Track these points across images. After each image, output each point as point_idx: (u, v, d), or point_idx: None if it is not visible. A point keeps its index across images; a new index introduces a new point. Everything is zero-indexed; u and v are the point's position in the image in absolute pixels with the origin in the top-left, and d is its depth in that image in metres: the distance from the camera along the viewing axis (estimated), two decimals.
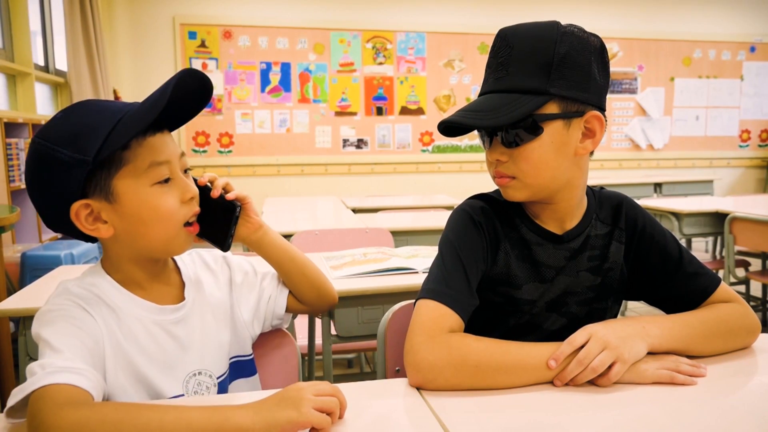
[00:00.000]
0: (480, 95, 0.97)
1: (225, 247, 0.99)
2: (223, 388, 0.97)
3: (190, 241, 0.92)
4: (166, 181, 0.87)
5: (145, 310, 0.90)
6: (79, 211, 0.84)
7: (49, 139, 0.82)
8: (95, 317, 0.84)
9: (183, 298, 0.96)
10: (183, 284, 0.98)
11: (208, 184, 0.98)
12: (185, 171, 0.92)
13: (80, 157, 0.81)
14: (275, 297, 1.09)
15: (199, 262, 1.04)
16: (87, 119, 0.83)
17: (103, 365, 0.83)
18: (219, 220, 0.98)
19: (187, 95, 0.86)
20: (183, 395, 0.91)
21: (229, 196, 0.99)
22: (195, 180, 0.97)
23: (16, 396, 0.70)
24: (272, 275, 1.11)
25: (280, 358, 1.13)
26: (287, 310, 1.10)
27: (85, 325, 0.82)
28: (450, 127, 0.96)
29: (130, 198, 0.84)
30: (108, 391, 0.83)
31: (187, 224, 0.91)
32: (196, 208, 0.92)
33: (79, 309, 0.83)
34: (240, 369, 1.02)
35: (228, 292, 1.04)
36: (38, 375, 0.71)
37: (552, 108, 0.91)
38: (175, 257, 1.00)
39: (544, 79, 0.90)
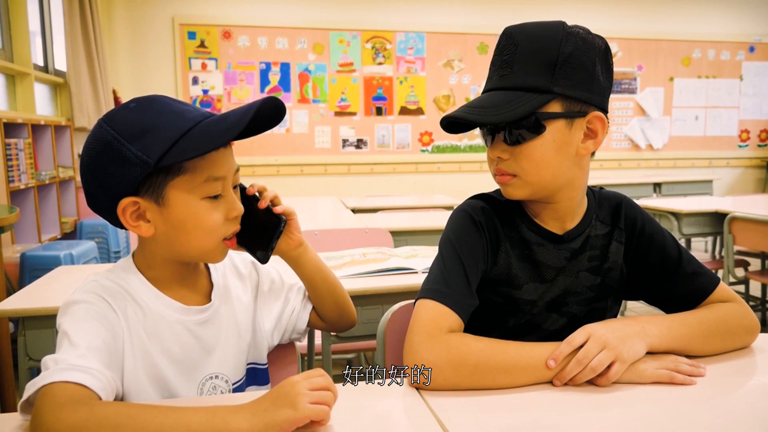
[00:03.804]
0: (483, 92, 0.98)
1: (264, 259, 0.98)
2: (238, 391, 0.97)
3: (225, 253, 0.93)
4: (216, 197, 0.87)
5: (171, 309, 0.90)
6: (127, 208, 0.84)
7: (117, 129, 0.81)
8: (117, 313, 0.84)
9: (210, 300, 0.96)
10: (211, 286, 0.98)
11: (257, 194, 0.99)
12: (234, 187, 0.92)
13: (143, 158, 0.80)
14: (299, 311, 1.09)
15: (229, 265, 1.04)
16: (159, 118, 0.82)
17: (121, 363, 0.83)
18: (262, 231, 0.97)
19: (260, 118, 0.86)
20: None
21: (277, 209, 0.99)
22: (244, 188, 0.97)
23: (28, 390, 0.71)
24: (298, 288, 1.11)
25: (280, 358, 1.13)
26: (307, 325, 1.10)
27: (106, 320, 0.82)
28: (452, 123, 0.96)
29: (179, 206, 0.84)
30: (125, 388, 0.83)
31: (226, 238, 0.91)
32: (237, 227, 0.92)
33: (104, 303, 0.84)
34: (254, 376, 1.02)
35: (253, 298, 1.04)
36: (50, 370, 0.71)
37: (555, 107, 0.91)
38: None
39: (548, 77, 0.90)
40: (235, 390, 0.96)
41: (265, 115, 0.86)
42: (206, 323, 0.93)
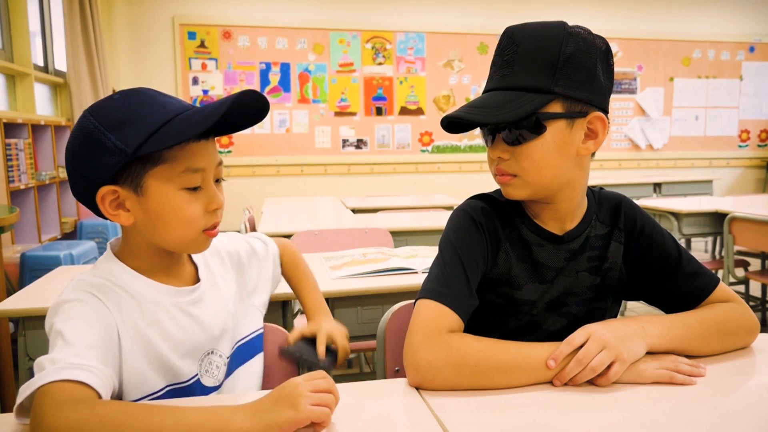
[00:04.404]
0: (484, 92, 0.98)
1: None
2: (230, 369, 0.99)
3: (208, 243, 0.93)
4: (196, 188, 0.88)
5: (163, 293, 0.91)
6: (105, 196, 0.85)
7: (99, 119, 0.83)
8: (109, 307, 0.85)
9: (197, 280, 0.97)
10: (195, 267, 0.99)
11: (334, 347, 1.06)
12: (218, 180, 0.92)
13: (121, 147, 0.81)
14: (272, 269, 1.17)
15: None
16: (139, 109, 0.84)
17: (118, 357, 0.83)
18: (314, 364, 1.05)
19: (242, 112, 0.87)
20: (197, 374, 0.92)
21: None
22: (332, 348, 1.06)
23: (24, 393, 0.70)
24: (274, 256, 1.18)
25: (280, 357, 1.13)
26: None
27: (99, 316, 0.82)
28: (453, 123, 0.97)
29: (156, 196, 0.85)
30: (127, 380, 0.84)
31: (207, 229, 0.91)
32: (218, 219, 0.92)
33: (94, 299, 0.84)
34: (245, 349, 1.04)
35: (234, 272, 1.07)
36: (47, 370, 0.70)
37: (556, 107, 0.92)
38: None
39: (549, 78, 0.90)
40: (228, 364, 0.98)
41: (248, 111, 0.87)
42: (199, 302, 0.95)
